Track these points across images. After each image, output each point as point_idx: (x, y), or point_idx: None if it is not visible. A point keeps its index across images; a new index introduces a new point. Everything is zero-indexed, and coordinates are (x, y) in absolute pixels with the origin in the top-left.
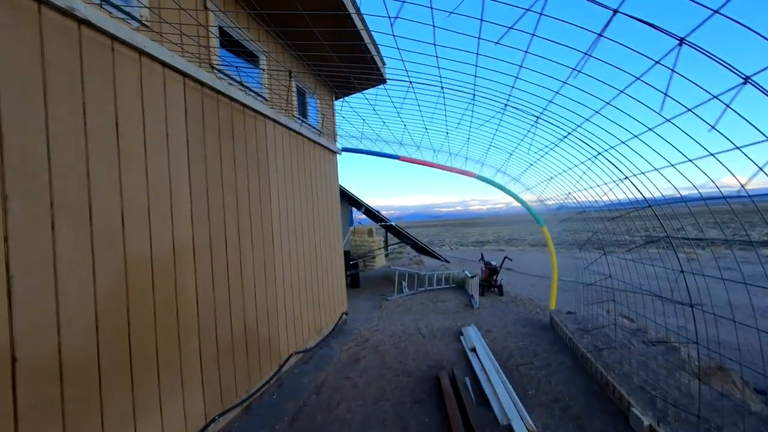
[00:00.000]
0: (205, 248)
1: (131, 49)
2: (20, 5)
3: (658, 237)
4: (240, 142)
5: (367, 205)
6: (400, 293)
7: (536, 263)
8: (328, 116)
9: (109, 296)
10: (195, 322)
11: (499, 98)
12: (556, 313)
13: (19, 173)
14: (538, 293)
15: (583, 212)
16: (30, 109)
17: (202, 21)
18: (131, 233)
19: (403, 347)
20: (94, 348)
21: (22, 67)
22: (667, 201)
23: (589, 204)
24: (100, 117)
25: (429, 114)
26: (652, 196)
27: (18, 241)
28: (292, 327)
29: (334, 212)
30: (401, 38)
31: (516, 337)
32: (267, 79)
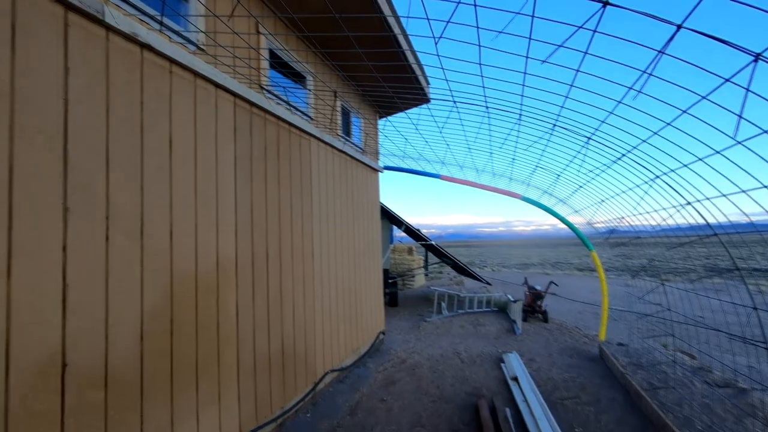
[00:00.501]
0: (247, 264)
1: (187, 72)
2: (90, 30)
3: (725, 267)
4: (285, 160)
5: (408, 224)
6: (439, 314)
7: (584, 289)
8: (371, 135)
9: (155, 307)
10: (234, 336)
11: (547, 118)
12: (606, 344)
13: (80, 187)
14: (585, 321)
15: (638, 238)
16: (93, 128)
17: (254, 44)
18: (178, 247)
19: (440, 371)
20: (138, 357)
21: (88, 88)
22: (735, 228)
23: (644, 229)
24: (155, 135)
25: (473, 133)
26: (717, 222)
27: (75, 250)
28: (328, 345)
29: (375, 230)
30: (446, 58)
31: (561, 368)
32: (313, 98)
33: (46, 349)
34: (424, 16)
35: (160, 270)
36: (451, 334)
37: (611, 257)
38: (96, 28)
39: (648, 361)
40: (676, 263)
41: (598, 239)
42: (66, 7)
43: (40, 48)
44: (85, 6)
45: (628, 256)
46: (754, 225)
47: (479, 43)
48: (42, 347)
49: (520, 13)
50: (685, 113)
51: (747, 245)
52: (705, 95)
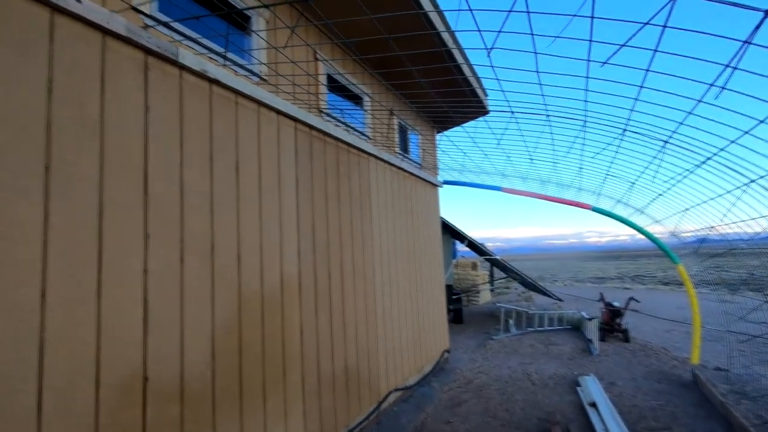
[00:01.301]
0: (310, 283)
1: (251, 101)
2: (166, 71)
3: None
4: (344, 180)
5: (470, 238)
6: (507, 332)
7: (671, 305)
8: (428, 150)
9: (225, 326)
10: (299, 355)
11: (616, 123)
12: (700, 368)
13: (158, 214)
14: (674, 342)
15: (734, 249)
16: (169, 159)
17: (312, 71)
18: (245, 267)
19: (509, 394)
20: (210, 373)
21: (165, 123)
22: None
23: (742, 238)
24: (223, 162)
25: (533, 143)
26: None
27: (154, 273)
28: (392, 363)
29: (436, 246)
30: (500, 68)
31: (648, 395)
32: (370, 118)
33: (129, 365)
34: (475, 29)
35: (229, 290)
36: (520, 353)
37: (702, 270)
38: (171, 68)
39: (755, 389)
40: None
41: (685, 250)
42: (146, 52)
43: (125, 90)
44: (162, 50)
45: (724, 268)
46: None
47: (535, 50)
48: (126, 363)
49: (577, 15)
50: None
51: None
52: None
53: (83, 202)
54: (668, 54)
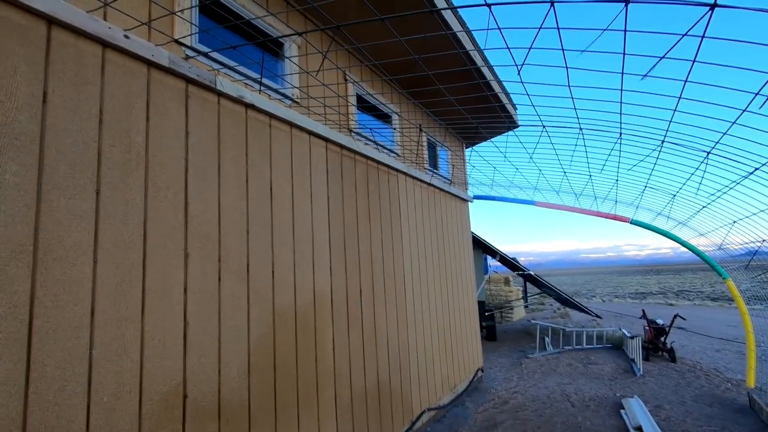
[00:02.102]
0: (342, 300)
1: (284, 123)
2: (205, 98)
3: None
4: (374, 197)
5: (502, 253)
6: (543, 350)
7: (721, 323)
8: (458, 166)
9: (260, 343)
10: (331, 371)
11: (653, 135)
12: (757, 392)
13: (197, 234)
14: (726, 362)
15: None
16: (208, 181)
17: (342, 92)
18: (279, 285)
19: (548, 416)
20: (246, 390)
21: (204, 147)
22: None
23: None
24: (258, 183)
25: (567, 157)
26: None
27: (193, 291)
28: (424, 381)
29: (467, 261)
30: (530, 84)
31: (699, 420)
32: (399, 135)
33: (170, 382)
34: (504, 46)
35: (264, 307)
36: (557, 372)
37: (755, 284)
38: (209, 95)
39: None
40: None
41: (735, 264)
42: (187, 81)
43: (168, 117)
44: (202, 79)
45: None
46: None
47: (566, 65)
48: (167, 380)
49: (608, 29)
50: None
51: None
52: None
53: (129, 224)
54: (708, 64)
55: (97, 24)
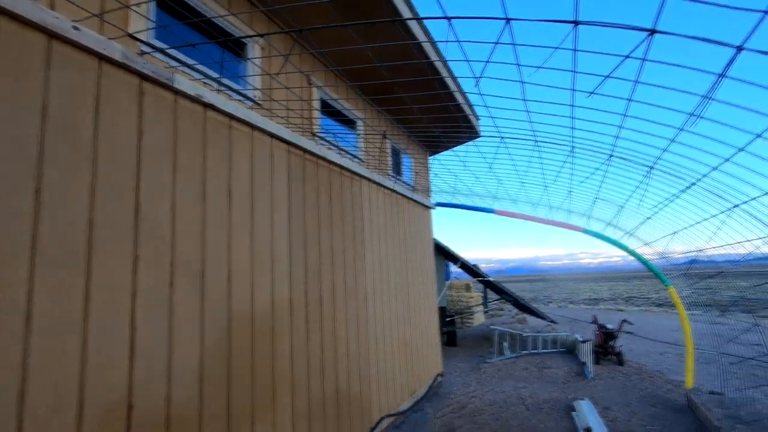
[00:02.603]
0: (301, 306)
1: (245, 125)
2: (161, 96)
3: None
4: (336, 202)
5: (464, 260)
6: (501, 355)
7: (664, 327)
8: (421, 173)
9: (214, 350)
10: (289, 378)
11: (602, 149)
12: (695, 392)
13: (149, 237)
14: (668, 364)
15: (722, 271)
16: (162, 181)
17: (306, 96)
18: (236, 291)
19: (503, 420)
20: (197, 399)
21: (159, 146)
22: None
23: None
24: (216, 185)
25: (524, 167)
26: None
27: (143, 296)
28: (384, 387)
29: (429, 268)
30: (489, 96)
31: (643, 420)
32: (363, 141)
33: (115, 392)
34: (463, 59)
35: (219, 313)
36: (514, 377)
37: (695, 291)
38: (166, 93)
39: (749, 414)
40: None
41: (676, 272)
42: (141, 77)
43: (119, 113)
44: (158, 76)
45: (716, 290)
46: None
47: (521, 79)
48: (112, 390)
49: (560, 48)
50: (759, 137)
51: None
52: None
53: (73, 225)
54: (649, 85)
55: (43, 13)
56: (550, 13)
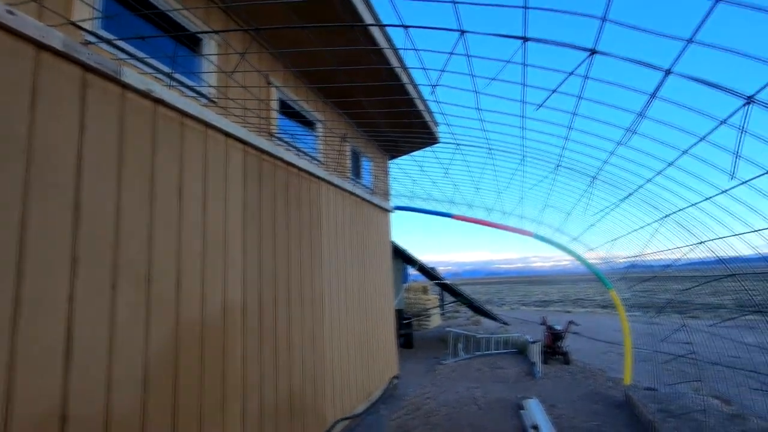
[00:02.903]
0: (255, 310)
1: (199, 123)
2: (107, 89)
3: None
4: (294, 204)
5: (421, 262)
6: (456, 357)
7: (608, 327)
8: (380, 176)
9: (159, 356)
10: (240, 384)
11: (550, 159)
12: (632, 388)
13: (90, 238)
14: (610, 363)
15: (655, 275)
16: (106, 180)
17: (264, 95)
18: (185, 294)
19: (456, 420)
20: (140, 408)
21: (103, 142)
22: (759, 260)
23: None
24: (166, 184)
25: (478, 173)
26: (742, 255)
27: (82, 300)
28: (339, 391)
29: (386, 270)
30: (446, 104)
31: (586, 416)
32: (322, 143)
33: (46, 402)
34: (420, 66)
35: (166, 318)
36: (468, 377)
37: (635, 294)
38: (112, 86)
39: (679, 407)
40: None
41: (617, 276)
42: (85, 68)
43: (59, 106)
44: (103, 67)
45: (653, 292)
46: None
47: (475, 89)
48: (43, 400)
49: (511, 62)
50: (686, 153)
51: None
52: (703, 136)
53: (2, 224)
54: (591, 101)
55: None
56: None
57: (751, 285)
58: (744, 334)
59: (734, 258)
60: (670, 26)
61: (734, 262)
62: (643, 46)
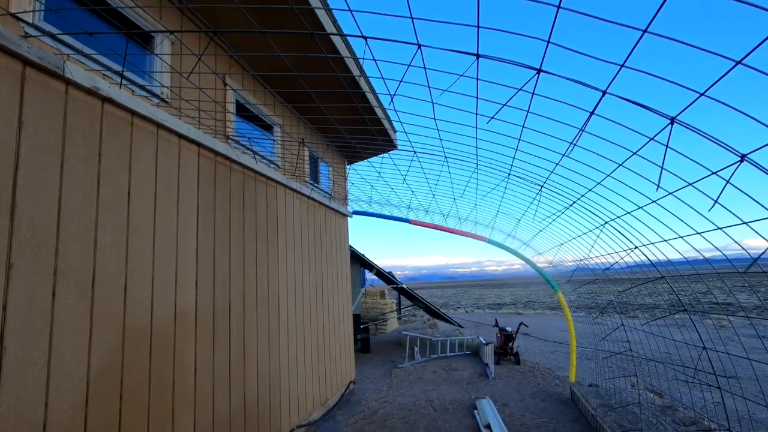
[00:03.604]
0: (208, 317)
1: (150, 123)
2: (48, 85)
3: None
4: (250, 208)
5: (378, 267)
6: (412, 360)
7: (556, 328)
8: (338, 181)
9: (104, 368)
10: (191, 395)
11: (501, 168)
12: (577, 385)
13: (27, 242)
14: (558, 362)
15: (597, 278)
16: (45, 181)
17: (221, 98)
18: (133, 301)
19: (412, 422)
20: (81, 423)
21: (43, 141)
22: (684, 264)
23: (605, 266)
24: (112, 186)
25: (434, 181)
26: (669, 259)
27: (17, 309)
28: (295, 398)
29: (344, 275)
30: (403, 113)
31: (535, 413)
32: (280, 146)
33: None
34: (379, 76)
35: (112, 327)
36: (423, 380)
37: (579, 296)
38: (55, 82)
39: (618, 402)
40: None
41: (563, 279)
42: (24, 63)
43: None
44: (45, 62)
45: (597, 294)
46: (707, 260)
47: (432, 99)
48: None
49: (464, 76)
50: (621, 166)
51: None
52: (635, 151)
53: None
54: (538, 115)
55: None
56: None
57: (679, 286)
58: (674, 332)
59: (664, 262)
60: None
61: (665, 266)
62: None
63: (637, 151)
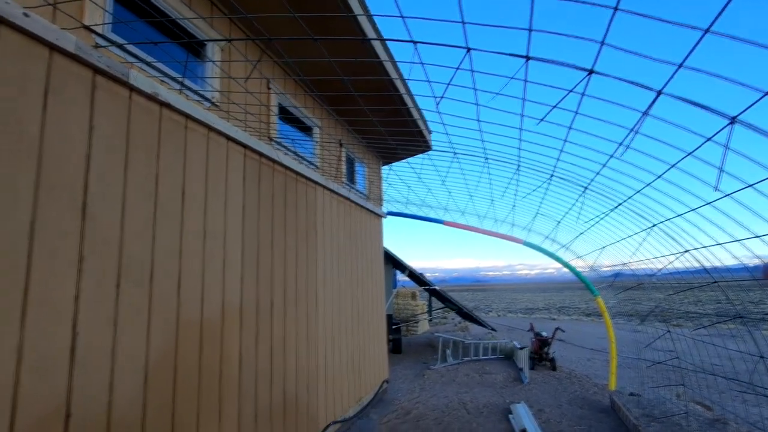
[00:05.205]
0: (252, 312)
1: (201, 126)
2: (115, 91)
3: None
4: (291, 208)
5: (411, 268)
6: (444, 362)
7: (592, 335)
8: (374, 182)
9: (160, 357)
10: (236, 386)
11: (544, 169)
12: (617, 394)
13: (96, 237)
14: (595, 369)
15: (641, 283)
16: (112, 181)
17: (265, 100)
18: (185, 295)
19: (446, 423)
20: (140, 408)
21: (110, 144)
22: (741, 270)
23: (649, 271)
24: (169, 185)
25: (474, 182)
26: (724, 265)
27: (87, 299)
28: (331, 394)
29: (378, 275)
30: (446, 115)
31: (572, 420)
32: (319, 148)
33: (52, 399)
34: (425, 79)
35: (167, 319)
36: (456, 382)
37: (619, 302)
38: (120, 89)
39: (662, 412)
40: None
41: (603, 284)
42: (95, 71)
43: (70, 107)
44: (113, 70)
45: (637, 300)
46: (749, 270)
47: (477, 102)
48: (48, 397)
49: (514, 78)
50: (674, 167)
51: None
52: (690, 152)
53: (12, 222)
54: (586, 116)
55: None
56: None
57: (733, 294)
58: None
59: (717, 268)
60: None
61: (717, 272)
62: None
63: (693, 152)
